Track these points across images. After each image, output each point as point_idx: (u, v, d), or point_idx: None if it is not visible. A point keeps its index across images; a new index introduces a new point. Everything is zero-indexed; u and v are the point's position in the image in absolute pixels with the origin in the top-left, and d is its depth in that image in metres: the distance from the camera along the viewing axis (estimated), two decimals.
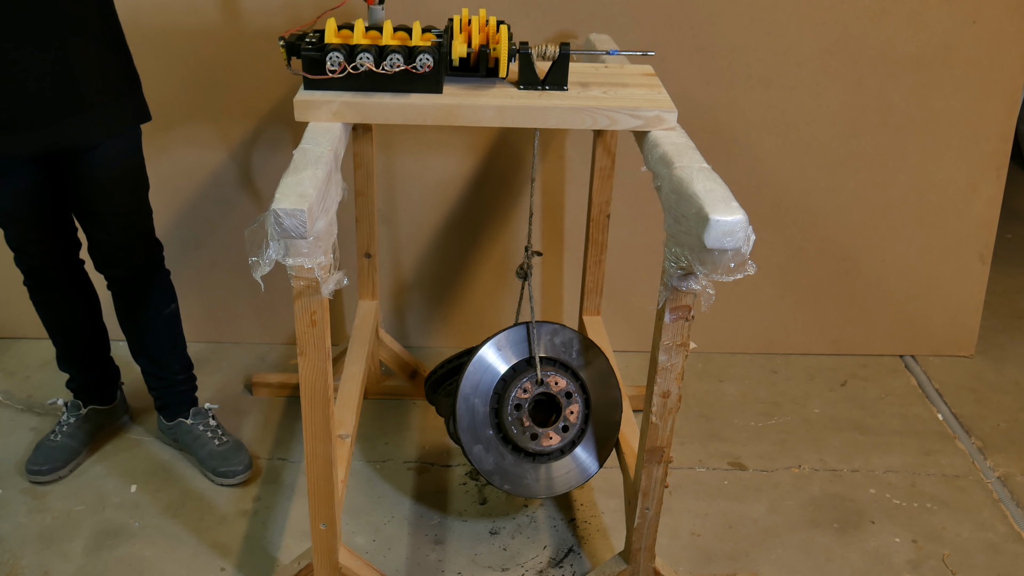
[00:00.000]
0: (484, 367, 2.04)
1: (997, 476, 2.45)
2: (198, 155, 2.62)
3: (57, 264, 2.17)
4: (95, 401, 2.40)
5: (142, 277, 2.17)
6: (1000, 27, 2.56)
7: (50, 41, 1.84)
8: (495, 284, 2.83)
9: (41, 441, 2.34)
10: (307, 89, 1.71)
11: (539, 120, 1.71)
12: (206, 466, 2.32)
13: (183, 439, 2.36)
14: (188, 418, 2.35)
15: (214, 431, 2.35)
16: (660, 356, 1.68)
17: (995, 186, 2.76)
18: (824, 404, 2.72)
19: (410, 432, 2.52)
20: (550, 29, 2.52)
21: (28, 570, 2.04)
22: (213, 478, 2.31)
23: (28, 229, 2.08)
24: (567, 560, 2.14)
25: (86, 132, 1.93)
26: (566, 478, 2.08)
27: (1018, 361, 2.96)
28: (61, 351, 2.32)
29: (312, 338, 1.59)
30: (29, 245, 2.11)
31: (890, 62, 2.59)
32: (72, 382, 2.38)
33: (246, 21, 2.46)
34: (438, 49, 1.68)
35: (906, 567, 2.15)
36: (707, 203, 1.43)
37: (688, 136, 1.69)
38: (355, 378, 2.22)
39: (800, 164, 2.70)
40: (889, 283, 2.86)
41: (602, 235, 2.46)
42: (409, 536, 2.18)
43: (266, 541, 2.15)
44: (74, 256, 2.21)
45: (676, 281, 1.59)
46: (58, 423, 2.37)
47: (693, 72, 2.57)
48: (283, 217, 1.40)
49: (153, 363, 2.31)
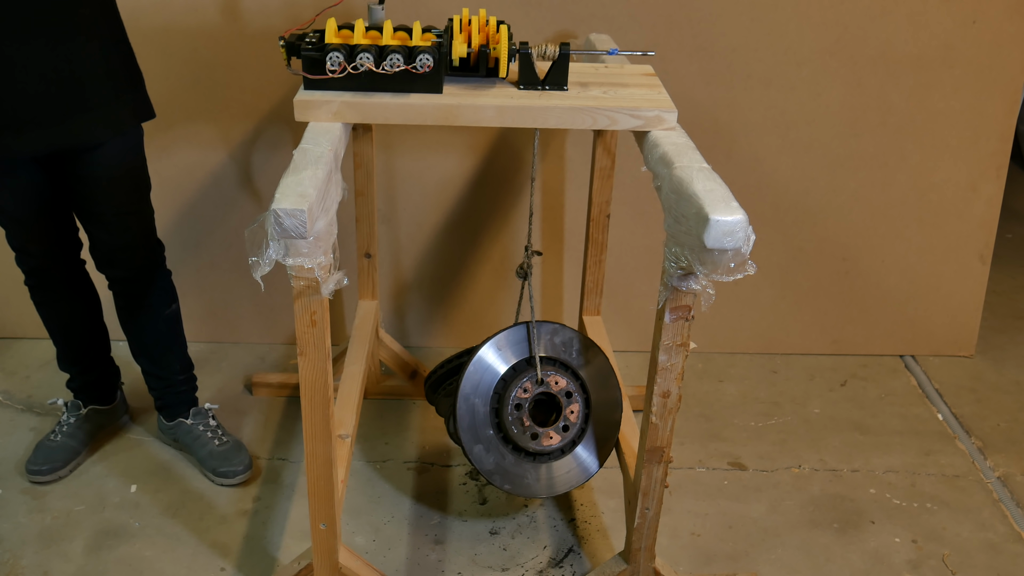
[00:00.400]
0: (484, 367, 2.04)
1: (997, 476, 2.45)
2: (198, 155, 2.62)
3: (58, 264, 2.17)
4: (95, 401, 2.39)
5: (143, 277, 2.17)
6: (1000, 27, 2.56)
7: (53, 40, 1.84)
8: (495, 284, 2.83)
9: (41, 441, 2.34)
10: (307, 89, 1.71)
11: (539, 120, 1.71)
12: (206, 466, 2.32)
13: (183, 439, 2.36)
14: (188, 418, 2.35)
15: (214, 431, 2.35)
16: (660, 356, 1.68)
17: (995, 186, 2.76)
18: (824, 404, 2.72)
19: (410, 432, 2.52)
20: (550, 29, 2.52)
21: (28, 570, 2.04)
22: (213, 478, 2.31)
23: (29, 229, 2.08)
24: (567, 560, 2.14)
25: (91, 131, 1.93)
26: (566, 478, 2.08)
27: (1018, 361, 2.96)
28: (61, 351, 2.32)
29: (312, 338, 1.59)
30: (30, 245, 2.12)
31: (890, 62, 2.59)
32: (72, 382, 2.38)
33: (246, 21, 2.46)
34: (438, 49, 1.68)
35: (906, 567, 2.15)
36: (707, 203, 1.43)
37: (688, 136, 1.69)
38: (355, 378, 2.22)
39: (800, 164, 2.70)
40: (889, 283, 2.86)
41: (602, 235, 2.46)
42: (409, 536, 2.18)
43: (266, 541, 2.15)
44: (75, 256, 2.21)
45: (676, 281, 1.59)
46: (58, 423, 2.37)
47: (693, 72, 2.57)
48: (283, 217, 1.40)
49: (153, 363, 2.31)
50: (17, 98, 1.85)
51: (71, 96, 1.88)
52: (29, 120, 1.87)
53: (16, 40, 1.81)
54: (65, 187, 2.06)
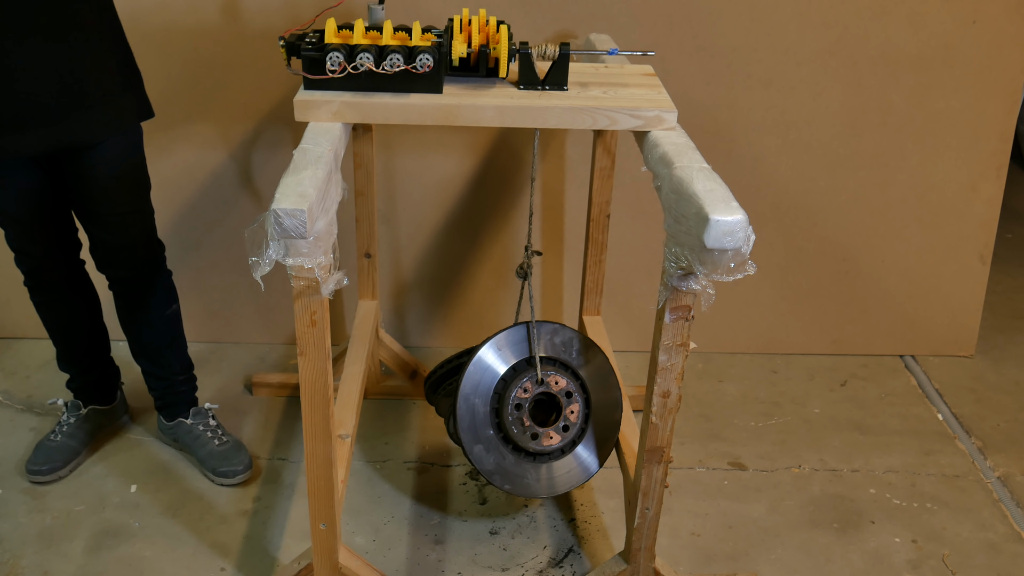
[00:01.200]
0: (484, 367, 2.04)
1: (997, 476, 2.45)
2: (198, 155, 2.62)
3: (58, 265, 2.17)
4: (95, 401, 2.39)
5: (144, 277, 2.17)
6: (1000, 27, 2.56)
7: (51, 39, 1.83)
8: (495, 284, 2.83)
9: (41, 441, 2.34)
10: (307, 89, 1.71)
11: (539, 120, 1.71)
12: (206, 466, 2.32)
13: (183, 439, 2.36)
14: (188, 418, 2.35)
15: (214, 431, 2.35)
16: (660, 356, 1.68)
17: (995, 186, 2.76)
18: (824, 404, 2.72)
19: (410, 432, 2.52)
20: (550, 29, 2.52)
21: (28, 570, 2.04)
22: (213, 478, 2.31)
23: (29, 230, 2.08)
24: (567, 560, 2.14)
25: (91, 129, 1.93)
26: (567, 478, 2.08)
27: (1018, 361, 2.96)
28: (61, 351, 2.32)
29: (312, 338, 1.59)
30: (30, 246, 2.11)
31: (890, 62, 2.59)
32: (72, 382, 2.38)
33: (246, 21, 2.46)
34: (438, 49, 1.68)
35: (906, 567, 2.15)
36: (707, 203, 1.43)
37: (688, 136, 1.69)
38: (355, 378, 2.22)
39: (800, 164, 2.70)
40: (889, 283, 2.86)
41: (602, 235, 2.46)
42: (409, 536, 2.18)
43: (266, 541, 2.15)
44: (75, 257, 2.21)
45: (676, 281, 1.59)
46: (58, 423, 2.37)
47: (693, 72, 2.57)
48: (283, 217, 1.40)
49: (153, 363, 2.31)
50: (17, 98, 1.85)
51: (71, 94, 1.88)
52: (30, 119, 1.87)
53: (15, 38, 1.81)
54: (65, 187, 2.06)
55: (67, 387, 2.39)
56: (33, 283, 2.20)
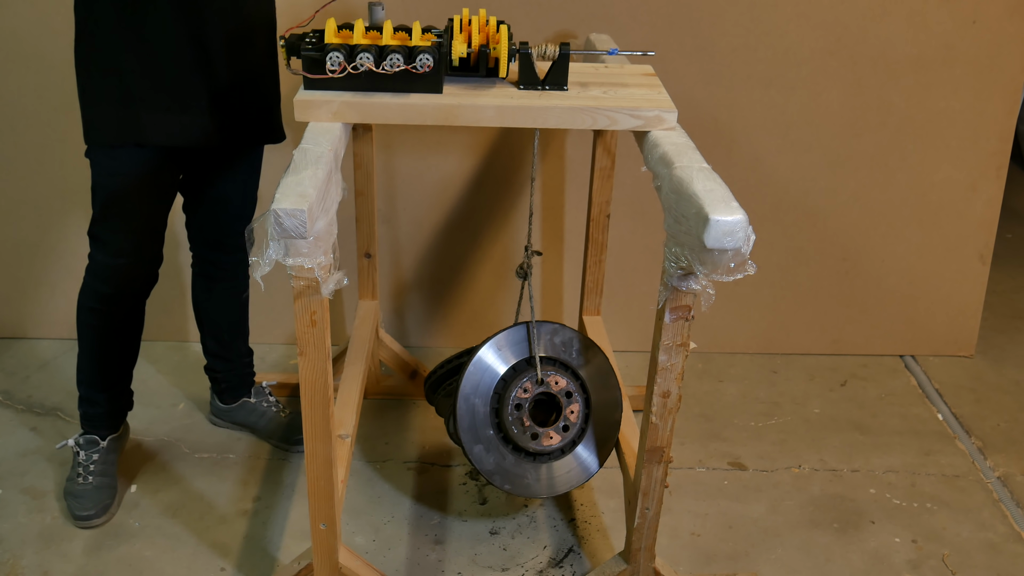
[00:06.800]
0: (484, 367, 2.04)
1: (997, 476, 2.45)
2: None
3: (136, 292, 2.10)
4: (110, 428, 2.25)
5: (241, 260, 2.25)
6: (1000, 27, 2.56)
7: (254, 40, 1.96)
8: (495, 284, 2.83)
9: (71, 488, 2.17)
10: (307, 89, 1.71)
11: (539, 120, 1.71)
12: (277, 437, 2.41)
13: (247, 418, 2.44)
14: (251, 397, 2.44)
15: (275, 405, 2.45)
16: (660, 356, 1.68)
17: (995, 186, 2.76)
18: (824, 404, 2.72)
19: (410, 432, 2.52)
20: (550, 29, 2.52)
21: (28, 570, 2.04)
22: (288, 448, 2.40)
23: (149, 227, 2.05)
24: (567, 560, 2.14)
25: (272, 129, 2.07)
26: (567, 478, 2.08)
27: (1018, 361, 2.96)
28: (97, 378, 2.17)
29: (312, 338, 1.59)
30: (133, 247, 2.04)
31: (890, 62, 2.59)
32: (95, 407, 2.21)
33: None
34: (438, 49, 1.68)
35: (906, 567, 2.15)
36: (707, 203, 1.43)
37: (688, 136, 1.69)
38: (355, 378, 2.22)
39: (800, 164, 2.70)
40: (889, 283, 2.86)
41: (602, 235, 2.46)
42: (409, 536, 2.18)
43: (266, 541, 2.15)
44: (152, 285, 2.14)
45: (676, 281, 1.59)
46: (78, 464, 2.20)
47: (693, 72, 2.57)
48: (283, 217, 1.40)
49: (225, 347, 2.37)
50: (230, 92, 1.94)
51: (267, 93, 2.03)
52: (233, 112, 1.96)
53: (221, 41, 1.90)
54: (193, 198, 2.18)
55: (86, 417, 2.21)
56: (105, 309, 2.08)
